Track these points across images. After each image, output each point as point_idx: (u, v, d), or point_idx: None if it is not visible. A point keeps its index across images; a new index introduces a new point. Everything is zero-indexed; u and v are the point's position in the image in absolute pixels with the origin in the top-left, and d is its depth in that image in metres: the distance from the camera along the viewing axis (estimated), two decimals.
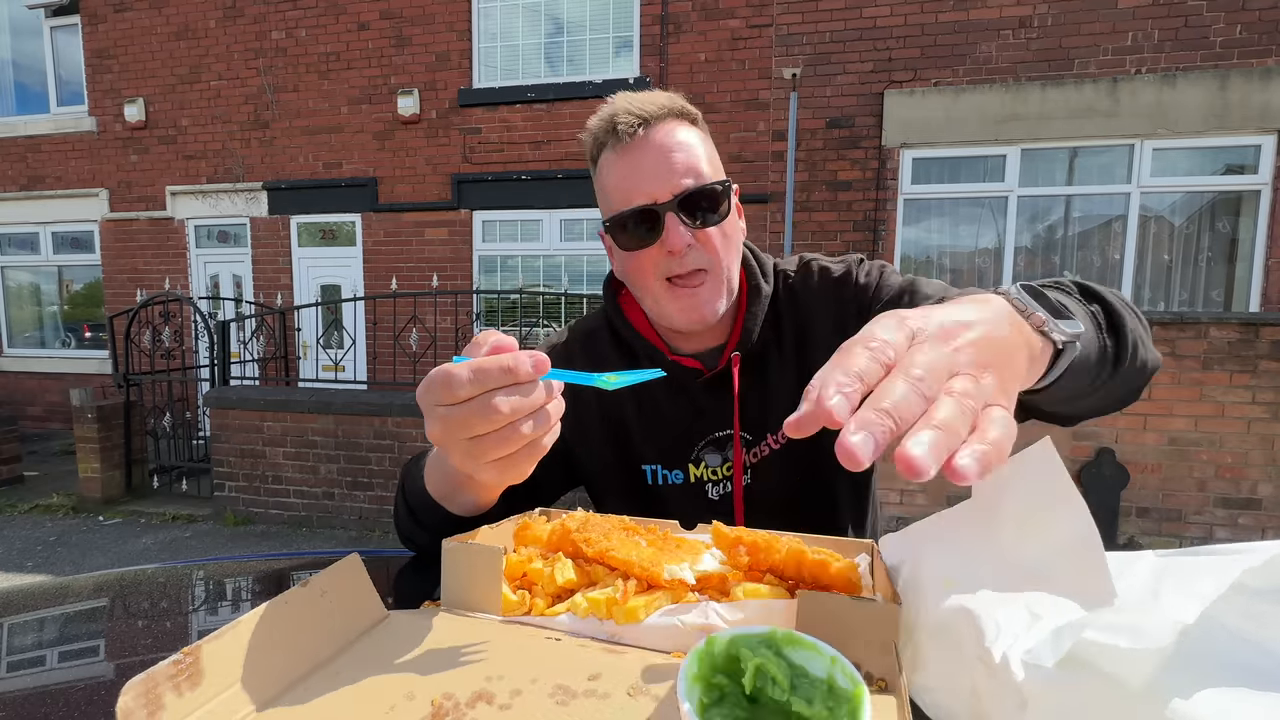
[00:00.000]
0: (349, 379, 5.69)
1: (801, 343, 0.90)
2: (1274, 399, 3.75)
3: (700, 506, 0.91)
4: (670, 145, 0.80)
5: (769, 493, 0.90)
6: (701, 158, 0.81)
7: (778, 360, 0.90)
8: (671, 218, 0.79)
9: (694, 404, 0.90)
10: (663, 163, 0.80)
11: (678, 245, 0.79)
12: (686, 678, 0.33)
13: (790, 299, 0.92)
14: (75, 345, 8.35)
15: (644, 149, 0.80)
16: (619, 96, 0.84)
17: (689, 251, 0.80)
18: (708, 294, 0.83)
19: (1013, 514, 0.43)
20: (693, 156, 0.81)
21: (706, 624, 0.45)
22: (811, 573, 0.49)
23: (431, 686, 0.40)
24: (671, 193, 0.79)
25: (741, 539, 0.51)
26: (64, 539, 4.61)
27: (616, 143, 0.82)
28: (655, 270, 0.83)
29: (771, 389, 0.90)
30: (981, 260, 5.56)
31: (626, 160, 0.81)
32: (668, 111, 0.82)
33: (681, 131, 0.82)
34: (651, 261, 0.82)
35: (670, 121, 0.82)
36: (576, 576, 0.53)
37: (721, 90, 6.06)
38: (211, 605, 0.81)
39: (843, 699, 0.32)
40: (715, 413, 0.90)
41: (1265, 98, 4.69)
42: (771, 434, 0.89)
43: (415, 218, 6.86)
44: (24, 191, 7.99)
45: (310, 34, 6.92)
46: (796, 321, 0.91)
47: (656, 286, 0.84)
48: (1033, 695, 0.30)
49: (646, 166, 0.80)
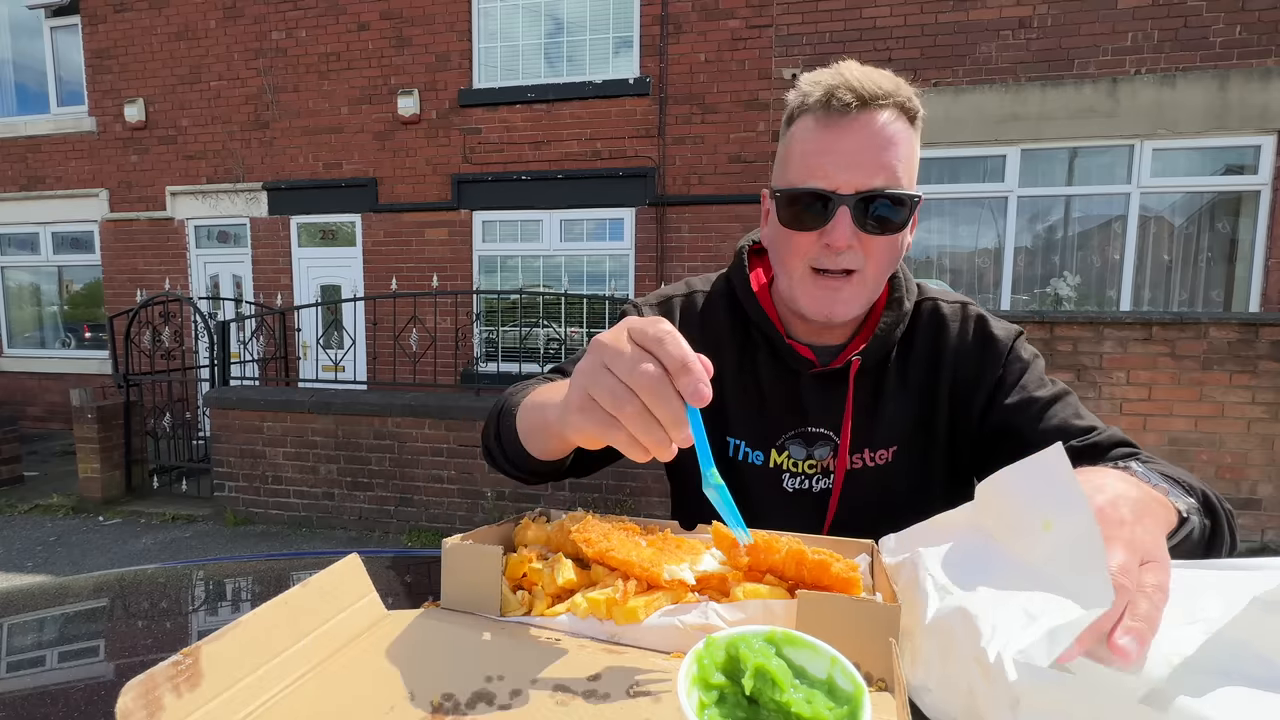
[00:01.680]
0: (349, 379, 5.69)
1: (929, 376, 0.88)
2: (1274, 399, 3.75)
3: (774, 493, 0.90)
4: (875, 137, 0.74)
5: (855, 505, 0.88)
6: (901, 160, 0.75)
7: (896, 380, 0.88)
8: (844, 212, 0.75)
9: (797, 393, 0.88)
10: (859, 153, 0.74)
11: (839, 242, 0.75)
12: (686, 678, 0.33)
13: (935, 329, 0.89)
14: (75, 345, 8.34)
15: (847, 131, 0.74)
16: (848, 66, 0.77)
17: (847, 251, 0.76)
18: (848, 294, 0.79)
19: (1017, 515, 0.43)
20: (893, 156, 0.74)
21: (706, 624, 0.45)
22: (812, 573, 0.49)
23: (431, 686, 0.40)
24: (855, 187, 0.74)
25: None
26: (64, 539, 4.61)
27: (824, 113, 0.75)
28: (806, 255, 0.79)
29: (883, 404, 0.88)
30: (981, 260, 5.57)
31: (825, 136, 0.75)
32: (889, 99, 0.74)
33: (895, 125, 0.75)
34: (807, 245, 0.78)
35: (888, 111, 0.74)
36: (576, 577, 0.53)
37: (721, 90, 6.06)
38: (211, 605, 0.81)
39: (843, 699, 0.32)
40: (815, 407, 0.88)
41: (1265, 98, 4.69)
42: (870, 448, 0.87)
43: (415, 218, 6.86)
44: (24, 192, 7.99)
45: (310, 34, 6.92)
46: (932, 353, 0.88)
47: (800, 269, 0.80)
48: (1025, 694, 0.31)
49: (842, 150, 0.74)
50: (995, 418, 0.84)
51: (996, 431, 0.84)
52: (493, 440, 0.81)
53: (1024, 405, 0.82)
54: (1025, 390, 0.84)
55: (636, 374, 0.43)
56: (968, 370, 0.87)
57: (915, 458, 0.88)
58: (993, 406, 0.85)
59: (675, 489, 1.03)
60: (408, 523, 4.69)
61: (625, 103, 6.27)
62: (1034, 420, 0.81)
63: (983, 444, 0.87)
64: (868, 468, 0.88)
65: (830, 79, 0.76)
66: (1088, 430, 0.80)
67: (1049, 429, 0.79)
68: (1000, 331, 0.88)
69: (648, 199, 6.29)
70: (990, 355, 0.87)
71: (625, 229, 6.46)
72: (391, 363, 6.09)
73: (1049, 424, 0.80)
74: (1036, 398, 0.83)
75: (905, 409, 0.88)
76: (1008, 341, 0.87)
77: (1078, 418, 0.81)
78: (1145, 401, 3.90)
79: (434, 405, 4.61)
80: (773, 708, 0.32)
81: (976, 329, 0.89)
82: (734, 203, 6.12)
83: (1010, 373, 0.86)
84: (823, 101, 0.75)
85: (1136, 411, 3.90)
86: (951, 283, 5.60)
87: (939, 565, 0.44)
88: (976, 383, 0.86)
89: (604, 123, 6.34)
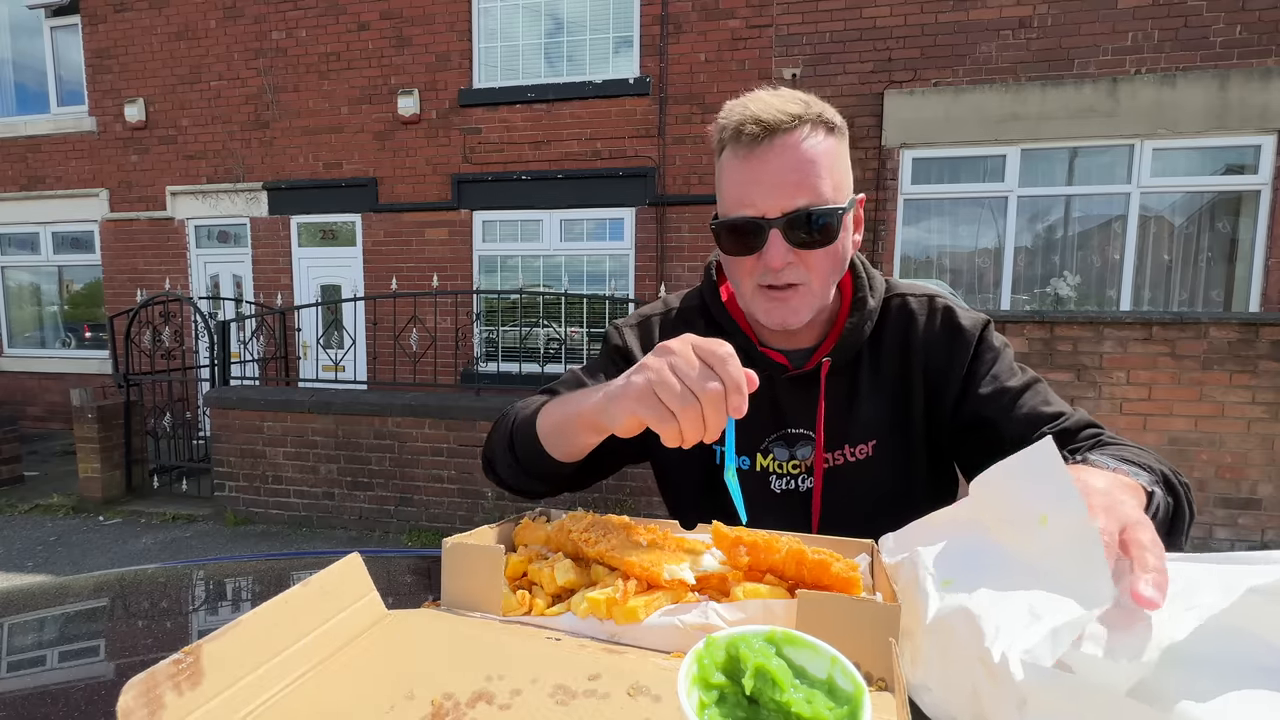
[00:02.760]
0: (349, 379, 5.69)
1: (901, 369, 0.91)
2: (1274, 399, 3.75)
3: (763, 496, 0.93)
4: (791, 161, 0.77)
5: (841, 500, 0.91)
6: (823, 175, 0.78)
7: (869, 376, 0.91)
8: (775, 235, 0.79)
9: (773, 397, 0.92)
10: (778, 178, 0.77)
11: (775, 262, 0.79)
12: (686, 678, 0.33)
13: (904, 323, 0.92)
14: (75, 345, 8.34)
15: (763, 160, 0.78)
16: (755, 97, 0.81)
17: (787, 267, 0.80)
18: (796, 304, 0.84)
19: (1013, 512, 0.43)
20: (813, 174, 0.77)
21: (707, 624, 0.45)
22: (812, 573, 0.49)
23: (431, 686, 0.40)
24: (781, 210, 0.78)
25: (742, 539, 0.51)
26: (64, 539, 4.61)
27: (739, 146, 0.80)
28: (752, 274, 0.84)
29: (858, 401, 0.91)
30: (981, 260, 5.56)
31: (745, 167, 0.79)
32: (800, 120, 0.78)
33: (810, 143, 0.78)
34: (750, 266, 0.83)
35: (800, 131, 0.78)
36: (576, 576, 0.53)
37: (721, 90, 6.06)
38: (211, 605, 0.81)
39: (843, 699, 0.32)
40: (792, 409, 0.91)
41: (1265, 98, 4.69)
42: (849, 444, 0.90)
43: (415, 218, 6.86)
44: (24, 191, 7.99)
45: (310, 34, 6.92)
46: (902, 347, 0.91)
47: (749, 288, 0.85)
48: (1032, 694, 0.31)
49: (763, 179, 0.78)
50: (968, 408, 0.87)
51: (970, 422, 0.87)
52: (503, 448, 0.87)
53: (996, 395, 0.85)
54: (997, 380, 0.86)
55: (705, 388, 0.54)
56: (938, 360, 0.90)
57: (896, 450, 0.91)
58: (965, 397, 0.88)
59: (669, 493, 1.05)
60: (408, 523, 4.70)
61: (625, 102, 6.27)
62: (1005, 410, 0.84)
63: (956, 434, 0.90)
64: (849, 463, 0.91)
65: (739, 113, 0.80)
66: (1056, 416, 0.83)
67: (1019, 417, 0.83)
68: (967, 322, 0.91)
69: (648, 199, 6.29)
70: (959, 345, 0.89)
71: (625, 229, 6.46)
72: (391, 363, 6.09)
73: (1019, 412, 0.83)
74: (1008, 387, 0.85)
75: (880, 403, 0.91)
76: (975, 331, 0.90)
77: (1046, 404, 0.84)
78: (1145, 401, 3.89)
79: (434, 405, 4.61)
80: (773, 708, 0.32)
81: (944, 320, 0.91)
82: None
83: (982, 363, 0.88)
84: (737, 135, 0.79)
85: (1136, 411, 3.90)
86: (951, 283, 5.61)
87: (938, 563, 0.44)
88: (947, 373, 0.89)
89: (604, 122, 6.34)
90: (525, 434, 0.82)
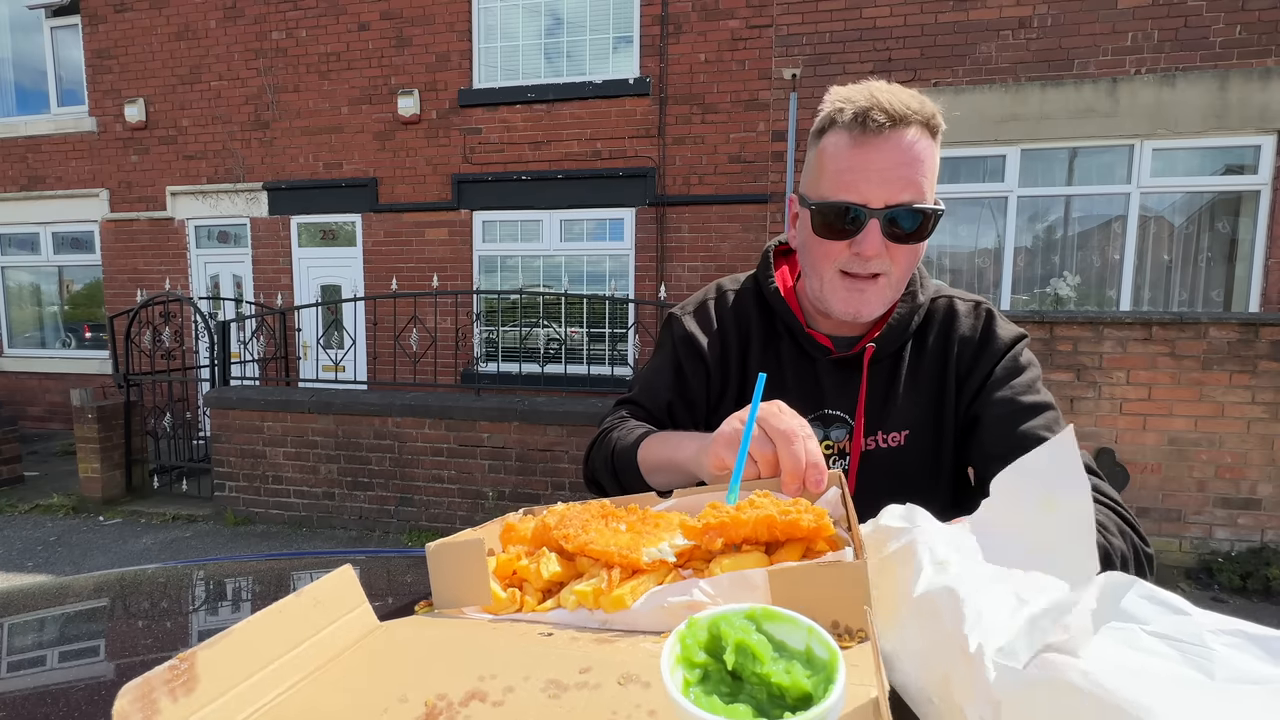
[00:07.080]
0: (349, 379, 5.69)
1: (940, 366, 0.93)
2: (1274, 399, 3.75)
3: None
4: (903, 155, 0.79)
5: (873, 483, 0.92)
6: (926, 174, 0.81)
7: (909, 369, 0.93)
8: (875, 225, 0.80)
9: (815, 378, 0.95)
10: (890, 170, 0.79)
11: (869, 251, 0.81)
12: (670, 658, 0.33)
13: (948, 323, 0.94)
14: (76, 345, 8.35)
15: (877, 150, 0.79)
16: (879, 87, 0.81)
17: (876, 258, 0.82)
18: (873, 295, 0.86)
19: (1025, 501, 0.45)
20: (919, 172, 0.80)
21: (692, 602, 0.46)
22: (785, 533, 0.50)
23: (424, 687, 0.41)
24: (885, 201, 0.80)
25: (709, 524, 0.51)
26: (64, 539, 4.61)
27: (854, 130, 0.80)
28: (837, 260, 0.85)
29: (895, 392, 0.93)
30: (981, 260, 5.56)
31: (857, 153, 0.80)
32: (917, 117, 0.79)
33: (921, 143, 0.80)
34: (838, 251, 0.84)
35: (915, 128, 0.79)
36: (562, 569, 0.54)
37: (721, 90, 6.06)
38: (211, 605, 0.81)
39: (819, 666, 0.33)
40: (831, 391, 0.94)
41: (1265, 98, 4.69)
42: (883, 431, 0.93)
43: (415, 218, 6.86)
44: (24, 192, 8.00)
45: (310, 34, 6.92)
46: (944, 345, 0.94)
47: (829, 272, 0.86)
48: (1005, 698, 0.31)
49: (874, 168, 0.79)
50: (975, 410, 0.89)
51: (970, 423, 0.89)
52: (608, 474, 0.96)
53: (1004, 404, 0.86)
54: (1013, 391, 0.87)
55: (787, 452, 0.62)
56: (967, 360, 0.92)
57: (927, 443, 0.93)
58: (977, 399, 0.89)
59: None
60: (408, 523, 4.70)
61: (625, 103, 6.28)
62: (1004, 422, 0.85)
63: (959, 433, 0.92)
64: (881, 449, 0.93)
65: (864, 99, 0.80)
66: None
67: (1014, 434, 0.83)
68: (1004, 331, 0.93)
69: (648, 199, 6.29)
70: (988, 351, 0.91)
71: (625, 229, 6.47)
72: (392, 363, 6.10)
73: (1016, 430, 0.84)
74: (1019, 403, 0.86)
75: (916, 396, 0.93)
76: (1008, 341, 0.92)
77: (1048, 431, 0.83)
78: (1145, 401, 3.90)
79: (434, 405, 4.62)
80: (755, 681, 0.33)
81: (984, 325, 0.94)
82: (734, 202, 6.12)
83: (1004, 372, 0.89)
84: (856, 120, 0.79)
85: (1136, 411, 3.90)
86: (951, 283, 5.60)
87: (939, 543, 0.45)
88: (972, 372, 0.91)
89: (604, 123, 6.34)
90: (626, 462, 0.90)
